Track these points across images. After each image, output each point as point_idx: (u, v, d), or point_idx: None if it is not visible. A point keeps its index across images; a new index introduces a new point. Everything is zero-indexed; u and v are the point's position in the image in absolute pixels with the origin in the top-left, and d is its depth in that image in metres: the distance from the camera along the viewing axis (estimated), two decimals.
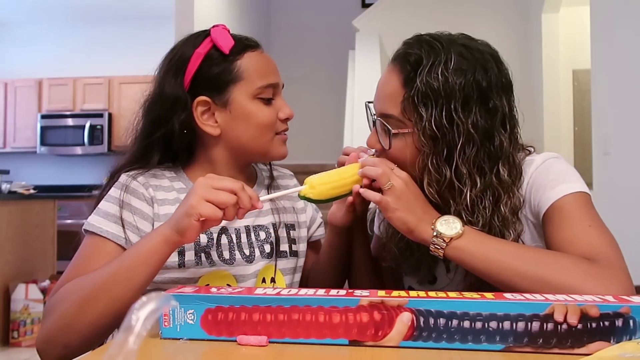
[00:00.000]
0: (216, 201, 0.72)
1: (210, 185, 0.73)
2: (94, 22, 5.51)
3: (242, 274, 0.91)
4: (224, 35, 0.90)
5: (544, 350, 0.57)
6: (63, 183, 5.33)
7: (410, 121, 0.80)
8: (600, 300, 0.58)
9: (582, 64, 3.67)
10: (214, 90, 0.89)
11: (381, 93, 0.86)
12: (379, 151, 0.86)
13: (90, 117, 5.16)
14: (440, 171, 0.79)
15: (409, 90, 0.80)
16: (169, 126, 0.89)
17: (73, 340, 0.74)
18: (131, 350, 0.39)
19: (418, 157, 0.81)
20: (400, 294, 0.61)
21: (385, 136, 0.84)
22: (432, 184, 0.80)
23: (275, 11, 5.82)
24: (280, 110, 0.93)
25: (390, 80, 0.83)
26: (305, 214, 1.04)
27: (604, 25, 2.84)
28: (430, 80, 0.78)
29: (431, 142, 0.78)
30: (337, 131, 4.49)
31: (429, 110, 0.78)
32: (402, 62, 0.83)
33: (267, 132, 0.91)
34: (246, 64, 0.89)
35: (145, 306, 0.42)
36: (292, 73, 5.72)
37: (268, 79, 0.91)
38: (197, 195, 0.72)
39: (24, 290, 3.02)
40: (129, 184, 0.89)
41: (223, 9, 3.97)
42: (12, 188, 3.25)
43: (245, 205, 0.75)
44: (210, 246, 0.90)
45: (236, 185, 0.74)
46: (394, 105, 0.82)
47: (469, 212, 0.79)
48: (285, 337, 0.60)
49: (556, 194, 0.79)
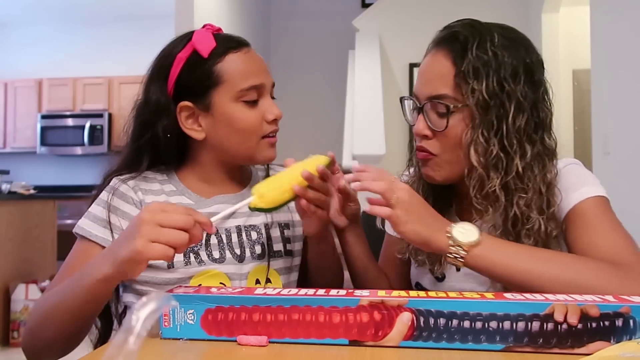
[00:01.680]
0: (165, 242, 0.65)
1: (156, 222, 0.65)
2: (94, 22, 5.51)
3: (233, 273, 0.90)
4: (205, 38, 0.89)
5: (544, 350, 0.57)
6: (63, 183, 5.34)
7: (463, 96, 0.81)
8: (600, 300, 0.58)
9: (582, 64, 3.67)
10: (196, 94, 0.89)
11: (429, 76, 0.86)
12: (430, 137, 0.85)
13: (90, 117, 5.17)
14: (491, 142, 0.80)
15: (460, 66, 0.82)
16: (154, 131, 0.90)
17: (39, 347, 0.79)
18: (131, 351, 0.39)
19: (467, 131, 0.82)
20: (400, 294, 0.61)
21: (439, 118, 0.84)
22: (480, 154, 0.81)
23: (275, 11, 5.82)
24: (266, 112, 0.90)
25: (438, 61, 0.85)
26: None
27: (604, 25, 2.84)
28: (481, 54, 0.81)
29: (483, 113, 0.80)
30: (337, 131, 4.49)
31: (482, 81, 0.80)
32: (450, 42, 0.85)
33: (251, 136, 0.90)
34: (227, 66, 0.88)
35: (145, 306, 0.42)
36: (292, 73, 5.73)
37: (250, 80, 0.89)
38: (142, 238, 0.64)
39: (24, 291, 3.02)
40: (119, 187, 0.91)
41: (223, 9, 3.97)
42: (12, 188, 3.25)
43: (198, 240, 0.69)
44: (199, 246, 0.90)
45: (187, 221, 0.67)
46: (445, 85, 0.83)
47: (519, 180, 0.81)
48: (285, 337, 0.60)
49: (578, 196, 0.81)
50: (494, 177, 0.81)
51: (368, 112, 3.52)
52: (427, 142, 0.86)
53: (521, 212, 0.80)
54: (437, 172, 0.86)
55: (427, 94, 0.85)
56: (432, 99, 0.84)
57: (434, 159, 0.86)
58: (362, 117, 3.50)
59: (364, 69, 3.90)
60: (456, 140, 0.83)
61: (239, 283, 0.90)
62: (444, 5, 4.12)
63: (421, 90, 0.87)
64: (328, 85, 5.54)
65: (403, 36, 4.40)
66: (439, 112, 0.84)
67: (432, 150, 0.85)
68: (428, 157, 0.86)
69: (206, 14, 3.55)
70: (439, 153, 0.85)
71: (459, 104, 0.82)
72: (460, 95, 0.82)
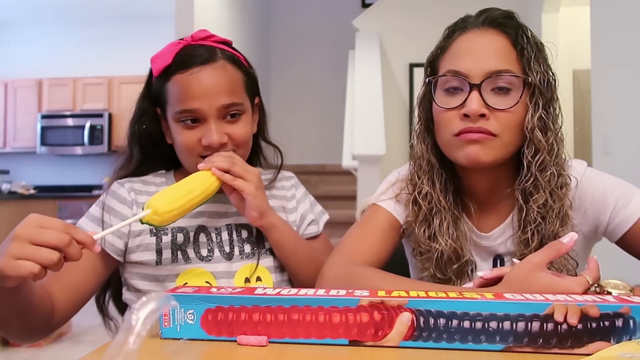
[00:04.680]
0: (33, 260, 0.63)
1: (28, 238, 0.63)
2: (94, 22, 5.51)
3: (220, 271, 0.91)
4: (163, 56, 0.91)
5: (544, 350, 0.57)
6: (63, 183, 5.34)
7: (527, 74, 0.82)
8: (600, 300, 0.58)
9: (582, 64, 3.67)
10: (161, 105, 0.94)
11: (488, 53, 0.82)
12: (487, 117, 0.81)
13: (90, 117, 5.17)
14: (548, 121, 0.82)
15: (522, 45, 0.82)
16: (143, 133, 0.96)
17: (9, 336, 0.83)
18: (131, 350, 0.39)
19: (530, 109, 0.82)
20: (400, 294, 0.61)
21: (499, 95, 0.81)
22: (543, 134, 0.82)
23: (276, 11, 5.82)
24: (203, 137, 0.89)
25: (494, 40, 0.83)
26: (296, 213, 1.03)
27: (604, 25, 2.84)
28: (532, 37, 0.84)
29: (545, 92, 0.82)
30: (337, 131, 4.49)
31: (539, 62, 0.82)
32: (506, 23, 0.85)
33: (189, 155, 0.92)
34: (170, 87, 0.91)
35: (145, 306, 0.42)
36: (292, 73, 5.73)
37: (182, 104, 0.89)
38: (8, 255, 0.63)
39: None
40: (116, 189, 0.95)
41: (223, 9, 3.97)
42: (12, 188, 3.26)
43: (75, 258, 0.66)
44: (187, 244, 0.92)
45: (61, 239, 0.64)
46: (509, 62, 0.82)
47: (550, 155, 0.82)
48: (285, 337, 0.60)
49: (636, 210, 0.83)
50: (549, 160, 0.82)
51: (368, 112, 3.52)
52: (484, 122, 0.80)
53: (551, 193, 0.82)
54: (490, 154, 0.81)
55: (487, 70, 0.81)
56: (495, 74, 0.81)
57: (493, 140, 0.81)
58: (362, 117, 3.51)
59: (364, 69, 3.90)
60: (519, 119, 0.81)
61: (227, 282, 0.91)
62: (444, 5, 4.12)
63: (475, 66, 0.82)
64: (328, 85, 5.54)
65: (403, 36, 4.40)
66: (502, 87, 0.81)
67: (494, 131, 0.80)
68: (487, 138, 0.81)
69: (206, 15, 3.54)
70: (500, 133, 0.81)
71: (527, 77, 0.81)
72: (524, 72, 0.82)
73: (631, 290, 0.68)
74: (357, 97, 3.72)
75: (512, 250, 0.88)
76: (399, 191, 0.92)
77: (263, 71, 5.44)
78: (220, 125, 0.89)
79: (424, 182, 0.88)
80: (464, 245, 0.88)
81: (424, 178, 0.89)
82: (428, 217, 0.87)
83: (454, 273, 0.87)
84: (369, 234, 0.90)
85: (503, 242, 0.89)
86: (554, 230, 0.81)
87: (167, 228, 0.92)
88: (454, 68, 0.83)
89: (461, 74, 0.82)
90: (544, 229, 0.82)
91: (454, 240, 0.86)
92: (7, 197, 3.12)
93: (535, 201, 0.82)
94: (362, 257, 0.87)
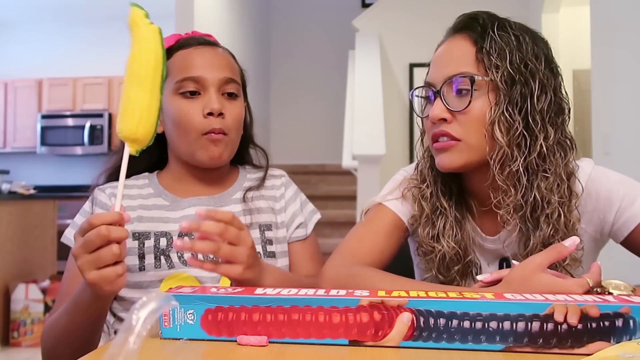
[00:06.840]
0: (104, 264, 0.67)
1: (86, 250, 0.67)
2: (94, 22, 5.51)
3: (205, 276, 0.89)
4: (165, 40, 0.90)
5: (544, 350, 0.57)
6: (63, 183, 5.34)
7: (486, 72, 0.80)
8: (601, 300, 0.58)
9: (582, 64, 3.67)
10: None
11: (448, 59, 0.83)
12: (449, 121, 0.81)
13: (90, 117, 5.17)
14: (514, 118, 0.78)
15: (481, 44, 0.80)
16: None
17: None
18: (131, 350, 0.39)
19: (491, 107, 0.79)
20: (400, 294, 0.61)
21: (459, 98, 0.81)
22: (504, 133, 0.79)
23: (275, 11, 5.82)
24: (204, 106, 0.88)
25: (457, 45, 0.83)
26: (285, 214, 1.01)
27: (604, 25, 2.84)
28: (502, 34, 0.81)
29: (508, 89, 0.79)
30: (337, 131, 4.49)
31: (505, 58, 0.79)
32: (470, 25, 0.84)
33: (189, 131, 0.89)
34: (172, 61, 0.90)
35: (145, 306, 0.42)
36: (292, 73, 5.73)
37: (186, 72, 0.89)
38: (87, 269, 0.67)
39: (24, 290, 3.02)
40: (97, 196, 0.95)
41: (223, 9, 3.97)
42: (12, 188, 3.25)
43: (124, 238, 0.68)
44: (170, 249, 0.91)
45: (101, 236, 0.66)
46: (466, 63, 0.81)
47: (541, 161, 0.79)
48: (285, 337, 0.60)
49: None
50: (517, 156, 0.79)
51: (368, 112, 3.53)
52: (447, 126, 0.81)
53: (542, 196, 0.79)
54: (458, 158, 0.81)
55: (445, 76, 0.82)
56: (450, 78, 0.81)
57: (457, 144, 0.81)
58: (362, 117, 3.51)
59: (364, 69, 3.91)
60: (480, 119, 0.80)
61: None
62: (444, 5, 4.11)
63: (437, 74, 0.84)
64: (328, 85, 5.54)
65: (403, 36, 4.40)
66: (460, 89, 0.81)
67: (456, 134, 0.81)
68: (451, 144, 0.81)
69: (206, 15, 3.54)
70: (463, 137, 0.80)
71: (484, 77, 0.80)
72: (483, 71, 0.80)
73: (633, 290, 0.67)
74: (357, 97, 3.72)
75: (517, 252, 0.87)
76: (406, 190, 0.91)
77: (263, 71, 5.45)
78: (219, 97, 0.91)
79: (426, 184, 0.89)
80: (468, 247, 0.87)
81: (426, 180, 0.89)
82: (432, 218, 0.87)
83: (457, 273, 0.87)
84: (372, 234, 0.90)
85: (509, 245, 0.88)
86: (554, 235, 0.80)
87: (149, 232, 0.91)
88: (426, 79, 0.87)
89: (429, 83, 0.85)
90: (544, 234, 0.80)
91: (457, 241, 0.86)
92: (7, 197, 3.11)
93: (509, 199, 0.81)
94: (364, 257, 0.86)
